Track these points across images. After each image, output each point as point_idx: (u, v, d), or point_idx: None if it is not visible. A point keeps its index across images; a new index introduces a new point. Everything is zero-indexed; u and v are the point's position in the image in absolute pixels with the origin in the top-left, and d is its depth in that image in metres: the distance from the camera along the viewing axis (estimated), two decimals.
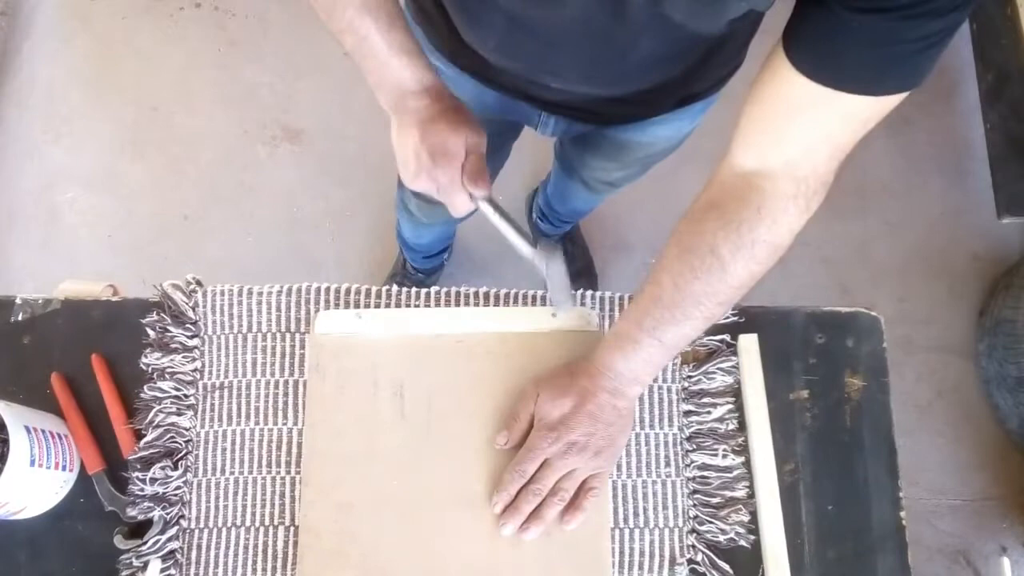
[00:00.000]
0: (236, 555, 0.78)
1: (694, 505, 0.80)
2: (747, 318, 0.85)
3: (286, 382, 0.83)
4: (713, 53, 0.79)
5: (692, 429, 0.82)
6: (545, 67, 0.78)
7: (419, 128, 0.72)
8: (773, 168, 0.64)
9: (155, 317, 0.83)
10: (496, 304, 0.86)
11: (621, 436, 0.77)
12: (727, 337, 0.84)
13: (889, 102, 0.58)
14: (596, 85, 0.79)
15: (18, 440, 0.71)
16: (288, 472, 0.80)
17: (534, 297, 0.86)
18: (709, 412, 0.82)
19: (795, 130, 0.62)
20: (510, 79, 0.83)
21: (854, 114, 0.59)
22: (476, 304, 0.86)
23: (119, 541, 0.76)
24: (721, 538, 0.78)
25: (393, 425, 0.80)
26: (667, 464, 0.81)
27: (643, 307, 0.71)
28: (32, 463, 0.72)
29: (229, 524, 0.79)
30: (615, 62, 0.73)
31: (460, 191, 0.74)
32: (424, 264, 1.65)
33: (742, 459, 0.81)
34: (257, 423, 0.81)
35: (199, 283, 0.85)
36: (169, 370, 0.82)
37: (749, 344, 0.83)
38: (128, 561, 0.76)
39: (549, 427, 0.74)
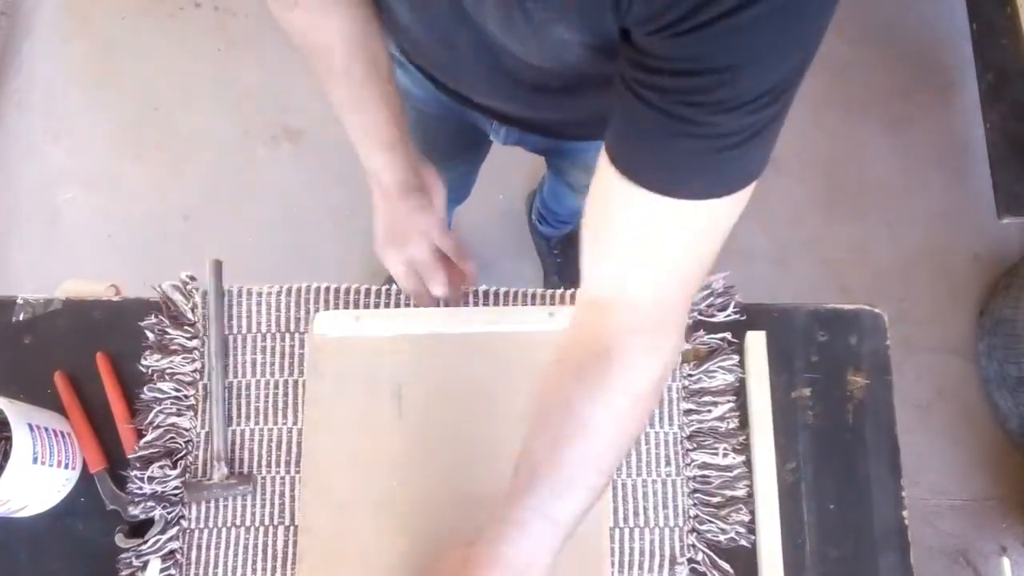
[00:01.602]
0: (236, 555, 0.78)
1: (694, 504, 0.80)
2: (749, 315, 0.84)
3: (286, 382, 0.83)
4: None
5: (692, 428, 0.82)
6: (454, 76, 0.77)
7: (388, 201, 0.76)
8: (611, 297, 0.57)
9: (154, 320, 0.83)
10: (496, 303, 0.86)
11: None
12: (728, 335, 0.83)
13: (714, 210, 0.50)
14: (510, 103, 0.77)
15: (21, 437, 0.71)
16: (288, 472, 0.80)
17: (533, 296, 0.86)
18: (710, 411, 0.81)
19: (621, 243, 0.54)
20: (453, 83, 0.81)
21: (676, 221, 0.51)
22: (476, 303, 0.86)
23: (120, 540, 0.76)
24: (721, 537, 0.78)
25: (392, 425, 0.80)
26: (667, 463, 0.81)
27: (523, 483, 0.59)
28: (35, 461, 0.72)
29: (229, 524, 0.79)
30: (509, 84, 0.68)
31: (438, 269, 0.78)
32: None
33: (743, 458, 0.80)
34: (257, 423, 0.81)
35: (193, 279, 0.85)
36: (169, 371, 0.82)
37: (756, 342, 0.83)
38: (128, 560, 0.76)
39: None
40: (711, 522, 0.78)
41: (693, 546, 0.78)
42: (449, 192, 1.25)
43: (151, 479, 0.78)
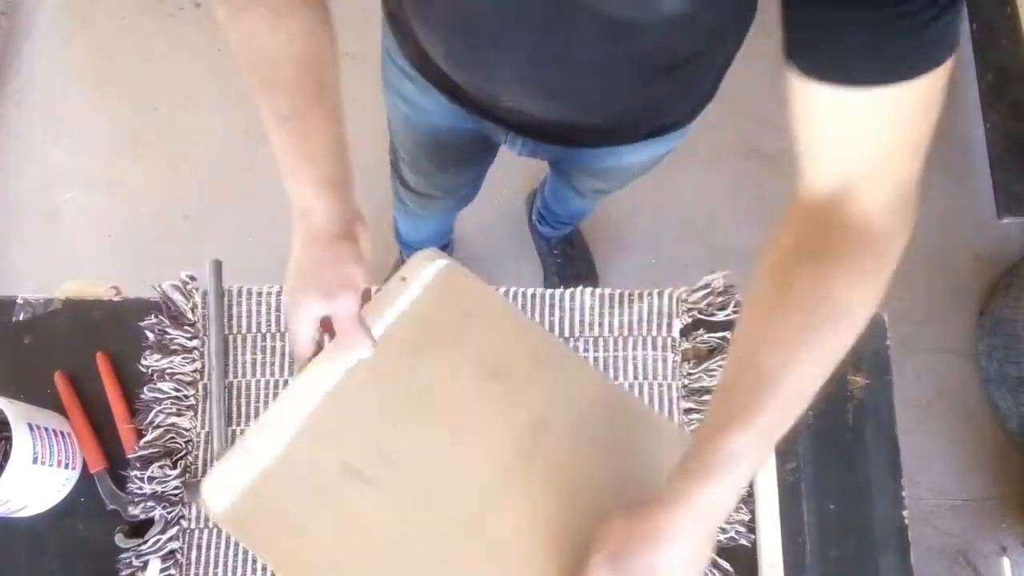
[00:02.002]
0: (236, 555, 0.78)
1: None
2: None
3: (286, 382, 0.83)
4: (674, 79, 0.74)
5: (693, 427, 0.81)
6: (490, 77, 0.75)
7: (314, 245, 0.66)
8: (847, 189, 0.56)
9: (154, 320, 0.83)
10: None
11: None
12: (728, 334, 0.83)
13: (926, 82, 0.50)
14: (543, 98, 0.76)
15: (21, 437, 0.71)
16: None
17: (533, 295, 0.85)
18: None
19: (847, 142, 0.55)
20: (470, 96, 0.81)
21: (893, 105, 0.51)
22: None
23: (120, 540, 0.76)
24: (721, 537, 0.78)
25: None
26: None
27: (746, 402, 0.55)
28: (35, 460, 0.72)
29: None
30: (556, 66, 0.68)
31: (359, 328, 0.66)
32: None
33: None
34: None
35: (193, 279, 0.85)
36: (169, 371, 0.82)
37: None
38: (128, 560, 0.76)
39: None
40: None
41: None
42: (457, 195, 1.26)
43: (151, 479, 0.77)
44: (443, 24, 0.72)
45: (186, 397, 0.81)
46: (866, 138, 0.54)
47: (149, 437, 0.79)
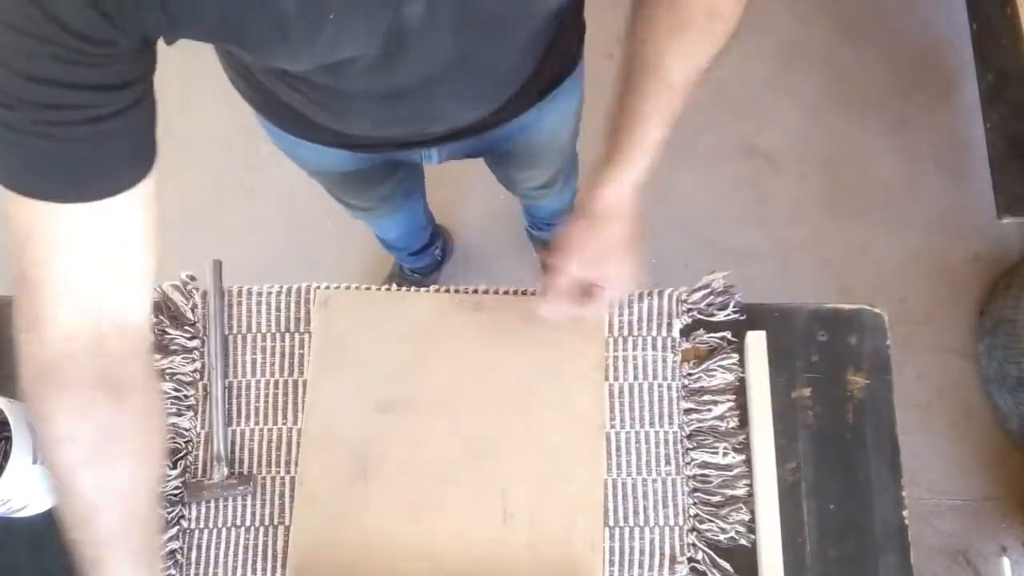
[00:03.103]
0: (236, 555, 0.78)
1: (694, 503, 0.80)
2: (749, 315, 0.84)
3: (286, 382, 0.83)
4: (543, 36, 0.76)
5: (692, 427, 0.82)
6: (427, 120, 0.77)
7: None
8: None
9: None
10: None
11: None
12: (728, 334, 0.83)
13: None
14: (480, 104, 0.78)
15: (21, 437, 0.71)
16: (288, 472, 0.80)
17: (533, 295, 0.85)
18: (710, 410, 0.81)
19: None
20: (384, 140, 0.82)
21: None
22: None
23: None
24: (721, 537, 0.78)
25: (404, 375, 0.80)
26: (667, 462, 0.81)
27: (654, 103, 0.67)
28: (35, 461, 0.72)
29: (229, 524, 0.79)
30: (490, 69, 0.72)
31: None
32: (414, 263, 1.64)
33: (743, 457, 0.80)
34: (257, 423, 0.81)
35: (193, 279, 0.85)
36: (169, 371, 0.82)
37: (757, 342, 0.83)
38: None
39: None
40: (711, 521, 0.78)
41: (693, 545, 0.78)
42: (396, 202, 1.23)
43: None
44: (369, 112, 0.72)
45: (186, 397, 0.81)
46: None
47: None
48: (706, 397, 0.82)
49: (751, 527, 0.79)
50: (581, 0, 0.79)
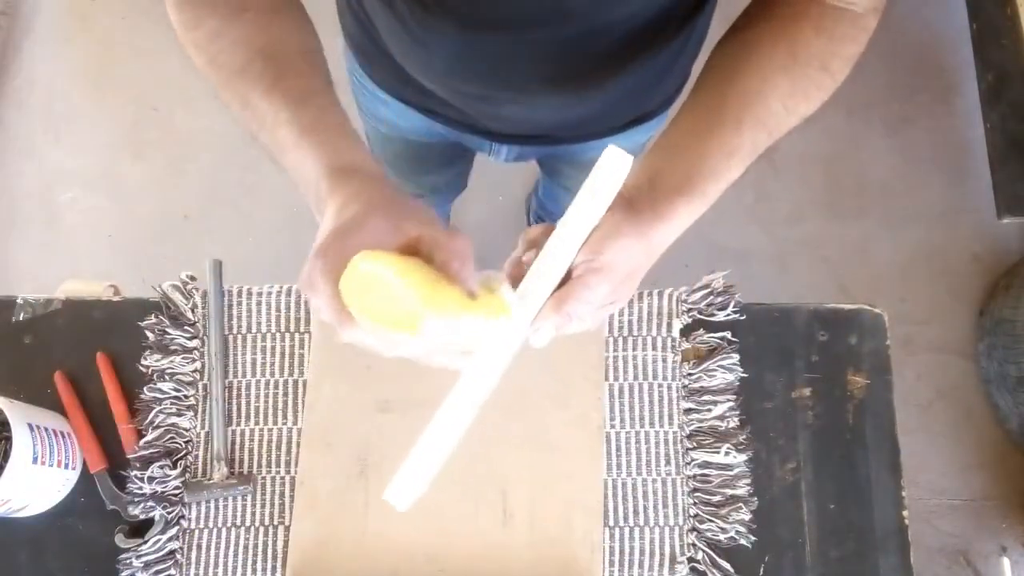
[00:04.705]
0: (236, 555, 0.78)
1: (694, 503, 0.80)
2: (749, 315, 0.84)
3: (286, 382, 0.83)
4: (648, 67, 0.73)
5: (692, 427, 0.82)
6: (500, 83, 0.72)
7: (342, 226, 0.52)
8: None
9: (154, 320, 0.83)
10: None
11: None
12: (728, 334, 0.84)
13: None
14: (560, 89, 0.74)
15: (21, 437, 0.71)
16: (288, 472, 0.80)
17: None
18: (709, 410, 0.81)
19: None
20: (457, 111, 0.81)
21: None
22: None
23: (120, 540, 0.76)
24: (721, 536, 0.78)
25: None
26: (667, 462, 0.81)
27: (742, 140, 0.60)
28: (35, 460, 0.72)
29: (229, 524, 0.79)
30: (580, 59, 0.68)
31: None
32: None
33: (743, 457, 0.80)
34: (257, 423, 0.81)
35: (193, 279, 0.85)
36: (169, 371, 0.82)
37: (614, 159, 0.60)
38: (128, 560, 0.76)
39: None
40: (711, 521, 0.78)
41: (693, 545, 0.79)
42: (442, 192, 1.25)
43: (151, 479, 0.77)
44: (448, 70, 0.71)
45: (186, 397, 0.82)
46: None
47: (149, 437, 0.79)
48: (706, 397, 0.82)
49: (751, 527, 0.79)
50: (693, 52, 0.78)
